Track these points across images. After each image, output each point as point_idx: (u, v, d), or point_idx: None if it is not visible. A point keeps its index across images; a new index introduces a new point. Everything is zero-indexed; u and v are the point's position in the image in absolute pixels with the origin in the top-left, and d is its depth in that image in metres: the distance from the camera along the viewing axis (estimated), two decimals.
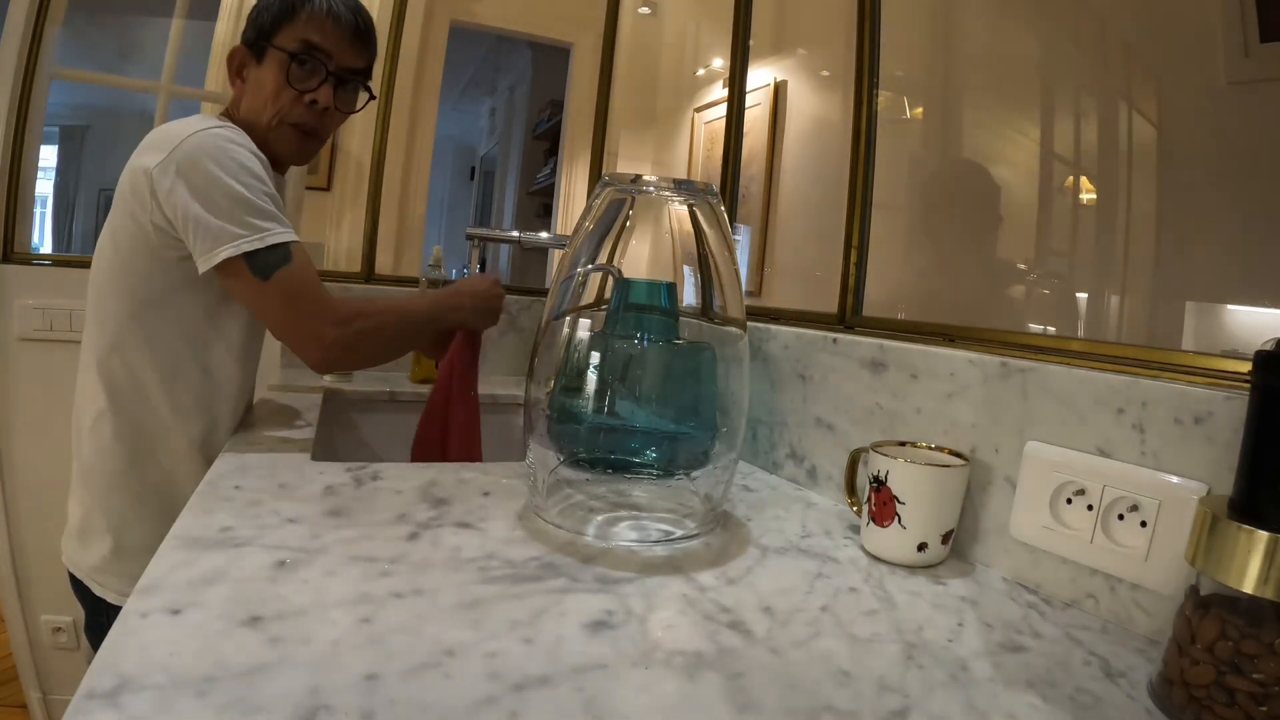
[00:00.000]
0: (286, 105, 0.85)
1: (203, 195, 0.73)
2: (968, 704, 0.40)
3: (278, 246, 0.75)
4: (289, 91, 0.84)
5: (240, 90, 0.86)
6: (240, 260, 0.73)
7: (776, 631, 0.46)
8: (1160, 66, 0.70)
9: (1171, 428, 0.50)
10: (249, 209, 0.74)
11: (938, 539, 0.60)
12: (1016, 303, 0.82)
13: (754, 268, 1.24)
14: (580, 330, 0.66)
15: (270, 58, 0.84)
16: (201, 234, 0.73)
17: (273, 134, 0.86)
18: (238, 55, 0.86)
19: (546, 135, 2.48)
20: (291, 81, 0.84)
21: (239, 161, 0.75)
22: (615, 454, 0.67)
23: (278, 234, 0.75)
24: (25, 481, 1.37)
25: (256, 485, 0.65)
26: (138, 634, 0.38)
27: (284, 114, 0.85)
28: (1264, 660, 0.37)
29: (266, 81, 0.84)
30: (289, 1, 0.85)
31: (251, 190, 0.75)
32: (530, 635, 0.42)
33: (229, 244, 0.73)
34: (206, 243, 0.73)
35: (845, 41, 0.96)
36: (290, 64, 0.84)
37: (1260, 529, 0.37)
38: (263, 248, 0.74)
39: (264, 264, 0.74)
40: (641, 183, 0.65)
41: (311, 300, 0.78)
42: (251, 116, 0.85)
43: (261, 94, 0.85)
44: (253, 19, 0.86)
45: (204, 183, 0.73)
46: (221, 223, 0.73)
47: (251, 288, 0.75)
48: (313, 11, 0.85)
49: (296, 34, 0.84)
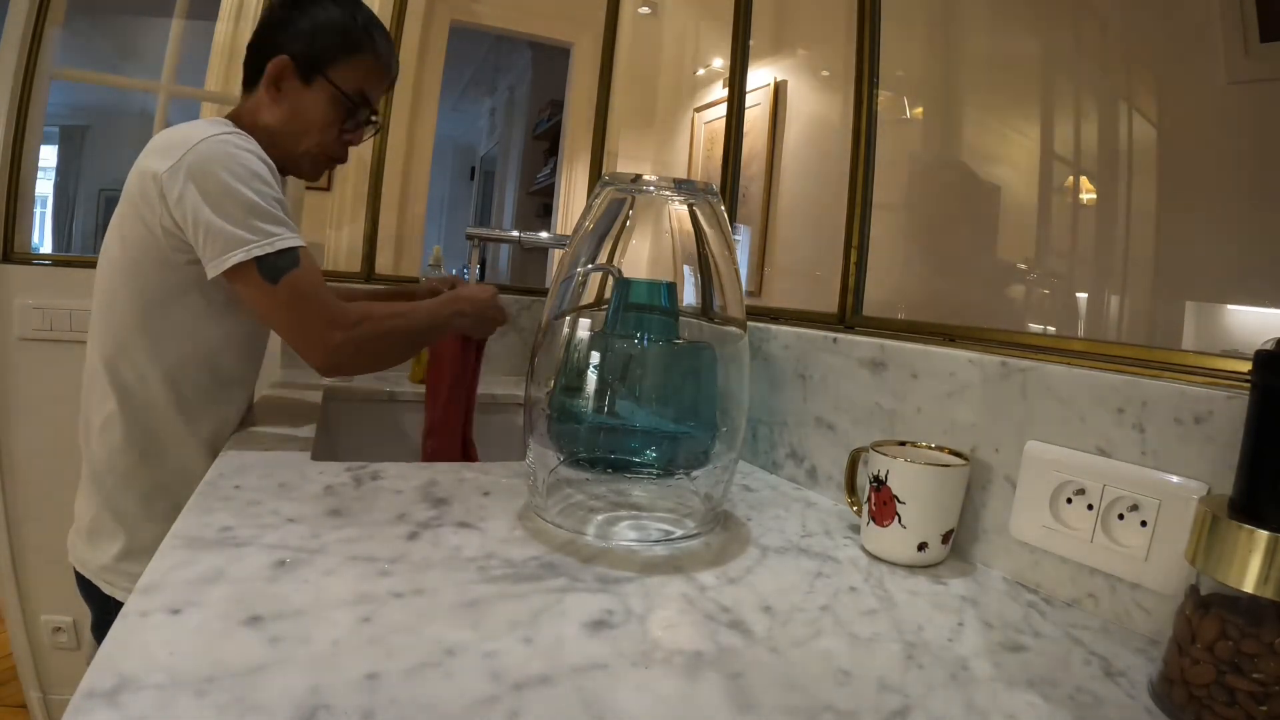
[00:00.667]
0: (331, 141, 0.89)
1: (214, 201, 0.73)
2: (968, 704, 0.40)
3: (286, 251, 0.76)
4: (335, 129, 0.88)
5: (273, 99, 0.85)
6: (250, 265, 0.74)
7: (777, 631, 0.46)
8: (1160, 66, 0.70)
9: (1172, 427, 0.50)
10: (259, 214, 0.75)
11: (938, 538, 0.60)
12: (1016, 302, 0.82)
13: (754, 268, 1.25)
14: (580, 330, 0.66)
15: (322, 89, 0.86)
16: (212, 239, 0.73)
17: (305, 158, 0.89)
18: (282, 68, 0.84)
19: (546, 135, 2.48)
20: (345, 126, 0.89)
21: (249, 168, 0.76)
22: (615, 454, 0.67)
23: (287, 239, 0.76)
24: (25, 481, 1.37)
25: (256, 485, 0.65)
26: (138, 633, 0.38)
27: (325, 147, 0.89)
28: (1264, 660, 0.37)
29: (314, 112, 0.86)
30: (353, 35, 0.87)
31: (262, 196, 0.75)
32: (530, 635, 0.42)
33: (239, 249, 0.73)
34: (217, 248, 0.74)
35: (845, 41, 0.96)
36: (344, 103, 0.87)
37: (1260, 529, 0.37)
38: (272, 253, 0.74)
39: (273, 269, 0.75)
40: (641, 182, 0.65)
41: (318, 305, 0.78)
42: (282, 131, 0.86)
43: (304, 120, 0.86)
44: (306, 33, 0.85)
45: (215, 189, 0.74)
46: (232, 228, 0.73)
47: (260, 292, 0.76)
48: (376, 61, 0.89)
49: (355, 78, 0.87)
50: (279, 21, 0.86)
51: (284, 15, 0.86)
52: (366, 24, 0.89)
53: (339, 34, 0.86)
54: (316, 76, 0.85)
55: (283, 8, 0.86)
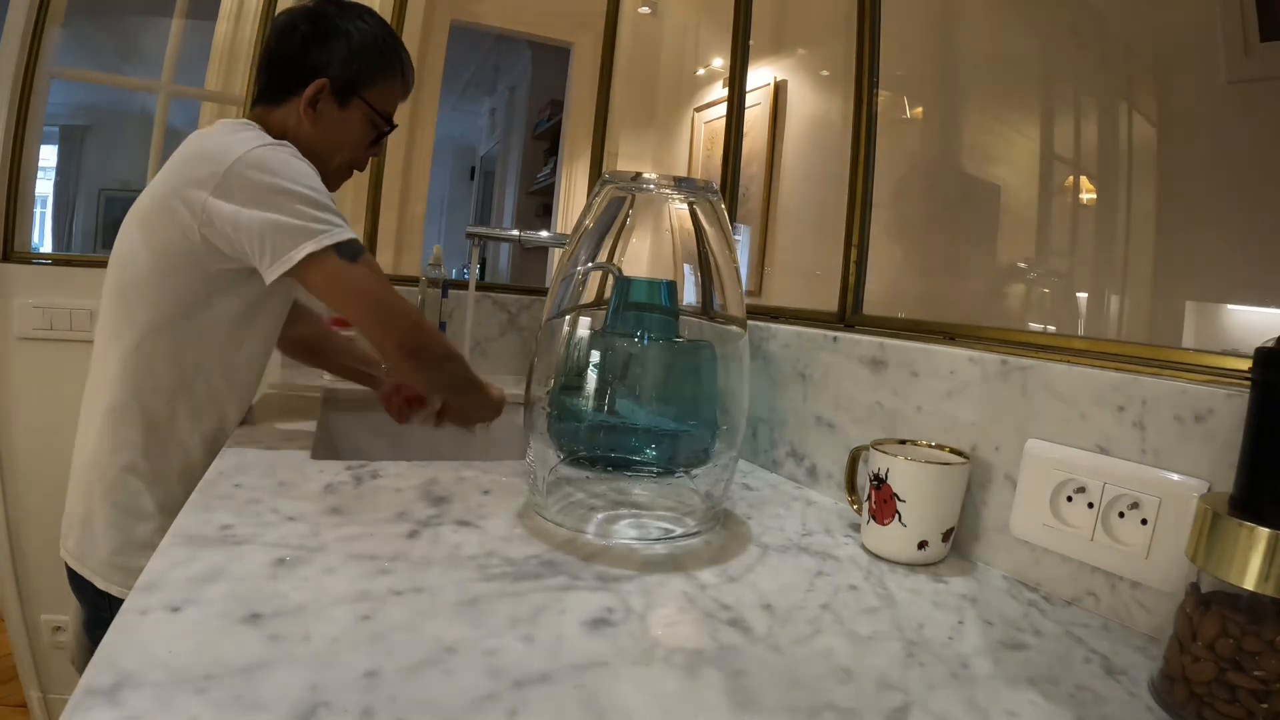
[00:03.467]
0: (360, 156, 0.93)
1: (273, 203, 0.74)
2: (968, 701, 0.39)
3: (355, 241, 0.77)
4: (365, 145, 0.92)
5: (310, 119, 0.87)
6: (328, 251, 0.75)
7: (777, 629, 0.46)
8: (1160, 66, 0.70)
9: (1172, 425, 0.50)
10: (322, 208, 0.76)
11: (938, 537, 0.60)
12: (1016, 302, 0.82)
13: (754, 267, 1.25)
14: (580, 328, 0.66)
15: (357, 109, 0.89)
16: (280, 237, 0.73)
17: (335, 173, 0.92)
18: (320, 89, 0.85)
19: (546, 135, 2.47)
20: (376, 142, 0.93)
21: (301, 168, 0.78)
22: (615, 452, 0.66)
23: (350, 232, 0.77)
24: (25, 481, 1.37)
25: (256, 483, 0.65)
26: (137, 631, 0.38)
27: (354, 161, 0.93)
28: (1265, 657, 0.37)
29: (350, 129, 0.89)
30: (388, 58, 0.90)
31: (319, 193, 0.77)
32: (530, 632, 0.42)
33: (309, 240, 0.74)
34: (285, 244, 0.74)
35: (845, 41, 0.96)
36: (377, 123, 0.91)
37: (1261, 526, 0.37)
38: (345, 240, 0.76)
39: (350, 250, 0.76)
40: (642, 180, 0.65)
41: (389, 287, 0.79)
42: (317, 147, 0.87)
43: (339, 136, 0.89)
44: (344, 56, 0.86)
45: (271, 193, 0.74)
46: (300, 222, 0.74)
47: (341, 273, 0.75)
48: (402, 80, 0.93)
49: (387, 98, 0.91)
50: (315, 39, 0.86)
51: (320, 32, 0.86)
52: (395, 43, 0.92)
53: (375, 56, 0.88)
54: (353, 99, 0.88)
55: (314, 22, 0.86)
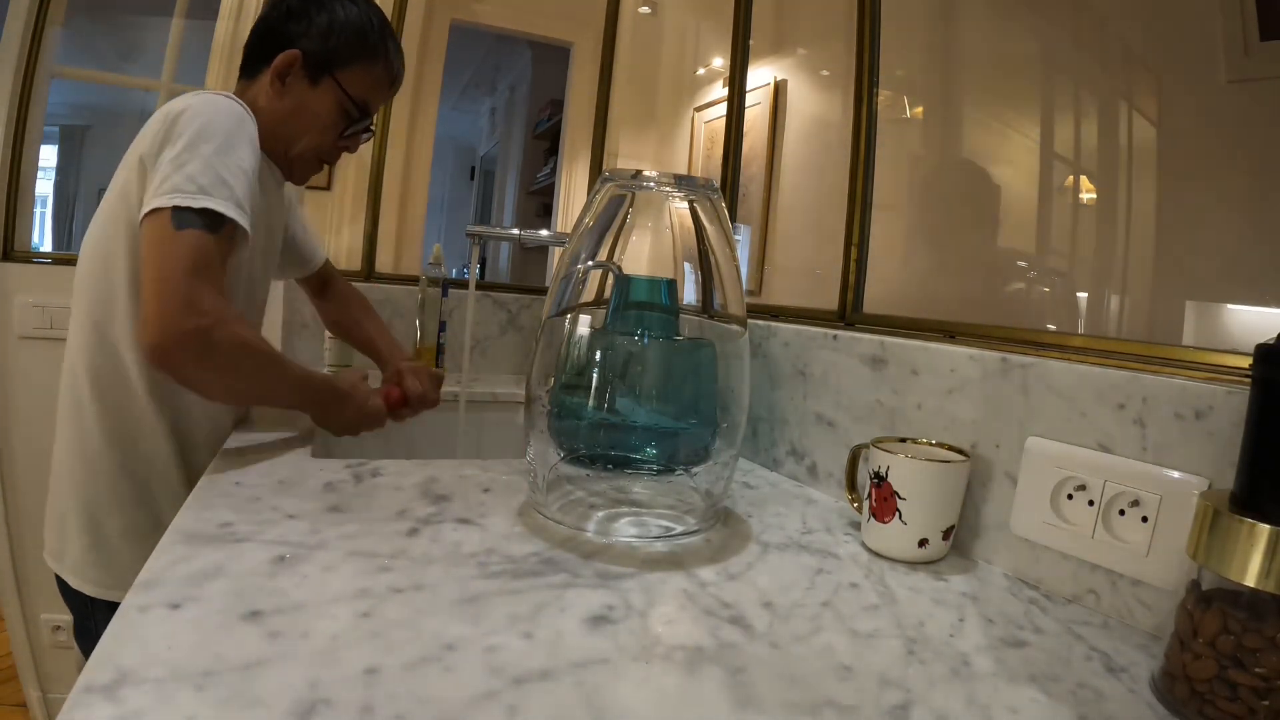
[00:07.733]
0: (328, 144, 0.87)
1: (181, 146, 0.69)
2: (969, 699, 0.39)
3: (208, 213, 0.68)
4: (333, 133, 0.86)
5: (276, 92, 0.82)
6: (168, 211, 0.67)
7: (777, 627, 0.46)
8: (1160, 66, 0.70)
9: (1172, 422, 0.50)
10: (208, 175, 0.69)
11: (938, 535, 0.60)
12: (1016, 302, 0.82)
13: (754, 267, 1.24)
14: (580, 327, 0.66)
15: (329, 90, 0.83)
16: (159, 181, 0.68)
17: (297, 160, 0.86)
18: (291, 62, 0.81)
19: (546, 135, 2.48)
20: (345, 131, 0.86)
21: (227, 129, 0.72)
22: (616, 450, 0.66)
23: (219, 205, 0.68)
24: (25, 480, 1.37)
25: (256, 481, 0.65)
26: (137, 628, 0.38)
27: (320, 150, 0.87)
28: (1266, 654, 0.37)
29: (318, 112, 0.84)
30: (369, 41, 0.84)
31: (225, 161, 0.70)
32: (530, 630, 0.42)
33: (164, 196, 0.67)
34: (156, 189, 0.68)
35: (845, 41, 0.96)
36: (348, 109, 0.85)
37: (1262, 523, 0.37)
38: (195, 208, 0.67)
39: (184, 219, 0.67)
40: (642, 178, 0.65)
41: (198, 280, 0.66)
42: (280, 126, 0.83)
43: (304, 120, 0.84)
44: (322, 31, 0.82)
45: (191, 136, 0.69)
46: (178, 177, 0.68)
47: (157, 234, 0.66)
48: (386, 70, 0.86)
49: (363, 86, 0.85)
50: (296, 11, 0.82)
51: (302, 6, 0.83)
52: (383, 30, 0.87)
53: (356, 37, 0.84)
54: (325, 77, 0.83)
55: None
